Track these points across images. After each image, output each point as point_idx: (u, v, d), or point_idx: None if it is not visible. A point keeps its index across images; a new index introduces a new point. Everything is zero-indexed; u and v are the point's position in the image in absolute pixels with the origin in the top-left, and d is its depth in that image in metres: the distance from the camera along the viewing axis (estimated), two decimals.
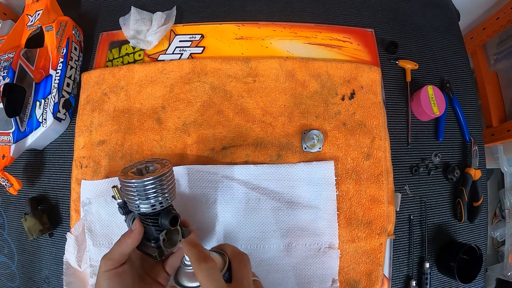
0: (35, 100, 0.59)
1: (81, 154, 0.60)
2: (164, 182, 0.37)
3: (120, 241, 0.36)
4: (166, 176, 0.37)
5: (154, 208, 0.36)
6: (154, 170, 0.39)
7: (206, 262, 0.31)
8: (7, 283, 0.63)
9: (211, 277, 0.30)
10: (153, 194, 0.36)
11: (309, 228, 0.55)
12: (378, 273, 0.55)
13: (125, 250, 0.35)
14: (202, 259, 0.31)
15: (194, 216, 0.53)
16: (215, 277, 0.30)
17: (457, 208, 0.62)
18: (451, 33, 0.73)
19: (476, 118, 0.69)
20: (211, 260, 0.31)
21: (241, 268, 0.33)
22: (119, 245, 0.36)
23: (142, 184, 0.35)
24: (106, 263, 0.35)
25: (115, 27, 0.68)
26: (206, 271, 0.30)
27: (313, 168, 0.56)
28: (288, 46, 0.65)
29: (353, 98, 0.61)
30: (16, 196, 0.62)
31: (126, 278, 0.36)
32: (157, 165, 0.40)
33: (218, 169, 0.55)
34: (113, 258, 0.35)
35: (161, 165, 0.39)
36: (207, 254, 0.33)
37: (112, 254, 0.35)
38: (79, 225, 0.56)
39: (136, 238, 0.36)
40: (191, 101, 0.60)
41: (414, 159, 0.63)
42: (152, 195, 0.36)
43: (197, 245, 0.34)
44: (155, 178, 0.36)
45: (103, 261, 0.35)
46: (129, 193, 0.36)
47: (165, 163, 0.40)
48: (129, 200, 0.37)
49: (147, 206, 0.36)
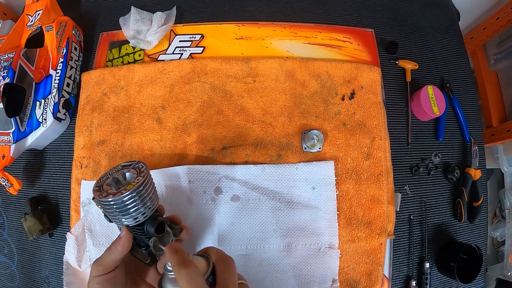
0: (35, 100, 0.59)
1: (81, 154, 0.60)
2: (143, 192, 0.34)
3: (110, 248, 0.36)
4: (144, 185, 0.35)
5: (137, 221, 0.35)
6: (131, 178, 0.36)
7: (186, 267, 0.30)
8: (7, 283, 0.63)
9: (192, 282, 0.29)
10: (134, 208, 0.34)
11: (309, 228, 0.55)
12: (378, 273, 0.55)
13: (115, 257, 0.35)
14: (182, 264, 0.30)
15: (193, 216, 0.53)
16: (196, 281, 0.30)
17: (457, 208, 0.62)
18: (451, 33, 0.73)
19: (476, 118, 0.69)
20: (192, 265, 0.31)
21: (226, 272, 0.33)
22: (109, 252, 0.35)
23: (120, 201, 0.33)
24: (97, 268, 0.35)
25: (115, 27, 0.68)
26: (186, 276, 0.30)
27: (313, 168, 0.56)
28: (288, 46, 0.65)
29: (353, 98, 0.61)
30: (16, 196, 0.62)
31: (117, 283, 0.36)
32: (133, 171, 0.37)
33: (218, 169, 0.55)
34: (103, 264, 0.35)
35: (137, 171, 0.36)
36: (188, 259, 0.32)
37: (102, 260, 0.35)
38: (79, 225, 0.56)
39: (125, 245, 0.36)
40: (191, 101, 0.60)
41: (414, 159, 0.63)
42: (132, 209, 0.34)
43: (179, 250, 0.33)
44: (132, 191, 0.33)
45: (94, 266, 0.35)
46: (108, 210, 0.34)
47: (141, 167, 0.37)
48: (109, 215, 0.35)
49: (130, 220, 0.35)
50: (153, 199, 0.36)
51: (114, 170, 0.38)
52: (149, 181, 0.36)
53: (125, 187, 0.34)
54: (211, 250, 0.35)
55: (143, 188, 0.34)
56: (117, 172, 0.37)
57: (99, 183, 0.36)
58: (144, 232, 0.37)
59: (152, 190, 0.37)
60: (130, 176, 0.37)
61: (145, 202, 0.35)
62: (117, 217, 0.35)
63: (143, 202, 0.35)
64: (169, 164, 0.56)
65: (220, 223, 0.54)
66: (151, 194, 0.36)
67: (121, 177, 0.37)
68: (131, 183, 0.34)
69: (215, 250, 0.35)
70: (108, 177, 0.36)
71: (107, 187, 0.35)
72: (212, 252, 0.35)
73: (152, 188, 0.37)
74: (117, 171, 0.37)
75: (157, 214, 0.38)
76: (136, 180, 0.34)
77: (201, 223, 0.53)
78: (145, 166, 0.37)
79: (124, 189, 0.33)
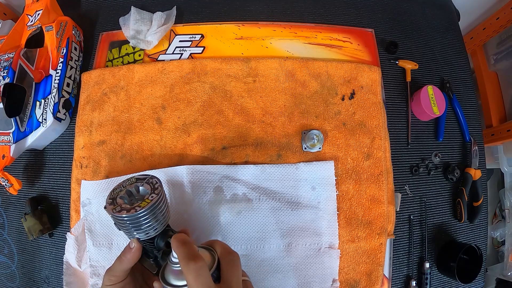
0: (35, 100, 0.59)
1: (81, 154, 0.60)
2: (157, 210, 0.35)
3: (120, 257, 0.36)
4: (159, 203, 0.35)
5: (149, 236, 0.35)
6: (144, 193, 0.36)
7: (195, 261, 0.30)
8: (7, 283, 0.63)
9: (200, 278, 0.29)
10: (147, 224, 0.34)
11: (309, 228, 0.55)
12: (378, 273, 0.55)
13: (125, 266, 0.36)
14: (191, 257, 0.30)
15: (193, 216, 0.53)
16: (204, 278, 0.29)
17: (457, 208, 0.62)
18: (451, 33, 0.73)
19: (476, 118, 0.69)
20: (201, 259, 0.30)
21: (231, 268, 0.32)
22: (120, 262, 0.36)
23: (134, 218, 0.33)
24: (109, 279, 0.35)
25: (115, 27, 0.68)
26: (194, 271, 0.29)
27: (313, 168, 0.56)
28: (288, 46, 0.65)
29: (353, 98, 0.61)
30: (16, 196, 0.62)
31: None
32: (147, 186, 0.37)
33: (218, 169, 0.55)
34: (115, 275, 0.35)
35: (151, 187, 0.36)
36: (197, 253, 0.31)
37: (114, 271, 0.36)
38: (79, 225, 0.56)
39: (135, 255, 0.36)
40: (191, 101, 0.60)
41: (414, 159, 0.63)
42: (146, 225, 0.34)
43: (187, 242, 0.32)
44: (147, 209, 0.33)
45: (106, 276, 0.35)
46: (121, 225, 0.35)
47: (155, 183, 0.37)
48: (121, 228, 0.36)
49: (142, 234, 0.35)
50: (165, 215, 0.37)
51: (128, 182, 0.38)
52: (163, 198, 0.36)
53: (139, 203, 0.34)
54: (216, 244, 0.34)
55: (157, 206, 0.35)
56: (130, 185, 0.37)
57: (113, 195, 0.36)
58: (154, 245, 0.37)
59: (165, 207, 0.37)
60: (144, 191, 0.37)
61: (158, 219, 0.35)
62: (129, 231, 0.35)
63: (156, 219, 0.35)
64: (169, 164, 0.56)
65: (220, 223, 0.54)
66: (164, 211, 0.36)
67: (134, 191, 0.37)
68: (145, 199, 0.34)
69: (220, 244, 0.34)
70: (121, 190, 0.37)
71: (121, 200, 0.35)
72: (218, 246, 0.34)
73: (166, 205, 0.37)
74: (130, 184, 0.37)
75: (168, 229, 0.38)
76: (151, 197, 0.35)
77: (201, 223, 0.53)
78: (159, 183, 0.37)
79: (139, 206, 0.33)
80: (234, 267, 0.33)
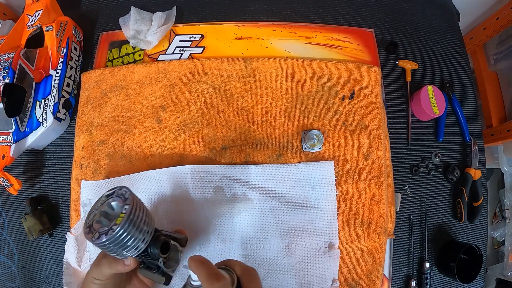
0: (35, 100, 0.59)
1: (81, 154, 0.60)
2: (135, 220, 0.32)
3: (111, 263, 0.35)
4: (133, 213, 0.32)
5: (139, 250, 0.34)
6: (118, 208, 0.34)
7: (218, 280, 0.29)
8: (7, 283, 0.63)
9: None
10: (131, 239, 0.32)
11: (309, 228, 0.55)
12: (378, 273, 0.55)
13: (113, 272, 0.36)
14: (214, 277, 0.29)
15: (193, 216, 0.53)
16: None
17: (457, 208, 0.62)
18: (451, 33, 0.73)
19: (476, 118, 0.69)
20: (223, 278, 0.30)
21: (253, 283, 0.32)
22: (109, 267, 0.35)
23: (114, 238, 0.31)
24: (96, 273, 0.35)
25: (115, 27, 0.68)
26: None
27: (313, 168, 0.56)
28: (288, 46, 0.65)
29: (353, 98, 0.61)
30: (16, 196, 0.62)
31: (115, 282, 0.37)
32: (118, 200, 0.34)
33: (218, 169, 0.55)
34: (102, 273, 0.35)
35: (121, 198, 0.34)
36: (218, 271, 0.31)
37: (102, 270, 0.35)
38: (79, 225, 0.56)
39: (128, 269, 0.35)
40: (191, 101, 0.60)
41: (414, 159, 0.63)
42: (130, 240, 0.32)
43: (205, 262, 0.31)
44: (123, 224, 0.31)
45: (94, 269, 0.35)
46: (106, 249, 0.33)
47: (125, 193, 0.34)
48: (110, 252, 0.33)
49: (131, 251, 0.33)
50: (148, 222, 0.34)
51: (99, 203, 0.35)
52: (137, 205, 0.34)
53: (114, 221, 0.32)
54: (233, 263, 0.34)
55: (133, 216, 0.32)
56: (102, 205, 0.34)
57: (88, 223, 0.33)
58: (150, 256, 0.36)
59: (144, 213, 0.34)
60: (117, 205, 0.34)
61: (141, 228, 0.33)
62: (118, 253, 0.33)
63: (139, 230, 0.33)
64: (169, 164, 0.56)
65: (220, 223, 0.54)
66: (144, 218, 0.34)
67: (108, 209, 0.34)
68: (120, 215, 0.32)
69: (237, 263, 0.34)
70: (95, 214, 0.34)
71: (97, 225, 0.33)
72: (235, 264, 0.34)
73: (143, 211, 0.34)
74: (102, 204, 0.35)
75: (158, 234, 0.37)
76: (124, 210, 0.32)
77: (201, 223, 0.53)
78: (128, 191, 0.34)
79: (115, 224, 0.31)
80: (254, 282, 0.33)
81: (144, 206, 0.35)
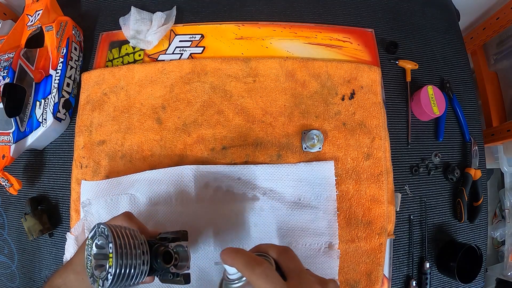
0: (35, 100, 0.59)
1: (81, 154, 0.60)
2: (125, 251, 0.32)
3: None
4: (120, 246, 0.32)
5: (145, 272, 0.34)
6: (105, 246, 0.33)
7: (259, 265, 0.27)
8: (7, 283, 0.63)
9: (270, 278, 0.26)
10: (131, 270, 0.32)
11: (309, 228, 0.55)
12: (378, 273, 0.55)
13: None
14: (253, 263, 0.27)
15: (193, 216, 0.53)
16: (274, 277, 0.27)
17: (457, 208, 0.62)
18: (451, 33, 0.73)
19: (476, 118, 0.69)
20: (264, 261, 0.28)
21: (292, 262, 0.30)
22: None
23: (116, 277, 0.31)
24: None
25: (115, 27, 0.68)
26: (263, 274, 0.26)
27: (313, 168, 0.56)
28: (288, 46, 0.65)
29: (353, 98, 0.61)
30: (16, 196, 0.62)
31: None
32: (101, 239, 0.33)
33: (218, 169, 0.55)
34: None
35: (103, 237, 0.33)
36: (256, 256, 0.29)
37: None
38: (79, 225, 0.56)
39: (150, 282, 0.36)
40: (191, 101, 0.60)
41: (414, 159, 0.63)
42: (131, 272, 0.32)
43: (239, 250, 0.29)
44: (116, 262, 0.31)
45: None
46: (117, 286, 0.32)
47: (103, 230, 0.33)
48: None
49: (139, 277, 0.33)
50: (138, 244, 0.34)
51: (89, 249, 0.34)
52: (120, 236, 0.33)
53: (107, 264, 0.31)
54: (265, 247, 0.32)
55: (121, 249, 0.32)
56: (91, 250, 0.34)
57: (90, 273, 0.33)
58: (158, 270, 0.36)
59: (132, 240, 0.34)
60: (104, 243, 0.33)
61: (134, 253, 0.33)
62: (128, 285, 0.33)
63: (133, 256, 0.32)
64: (169, 164, 0.56)
65: (220, 223, 0.54)
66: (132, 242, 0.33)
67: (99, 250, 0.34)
68: (109, 255, 0.32)
69: (269, 246, 0.32)
70: (90, 260, 0.34)
71: (98, 271, 0.33)
72: (268, 248, 0.32)
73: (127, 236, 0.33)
74: (91, 248, 0.34)
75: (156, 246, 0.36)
76: (110, 249, 0.32)
77: (201, 222, 0.53)
78: (105, 227, 0.33)
79: (109, 267, 0.31)
80: (294, 260, 0.31)
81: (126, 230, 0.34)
